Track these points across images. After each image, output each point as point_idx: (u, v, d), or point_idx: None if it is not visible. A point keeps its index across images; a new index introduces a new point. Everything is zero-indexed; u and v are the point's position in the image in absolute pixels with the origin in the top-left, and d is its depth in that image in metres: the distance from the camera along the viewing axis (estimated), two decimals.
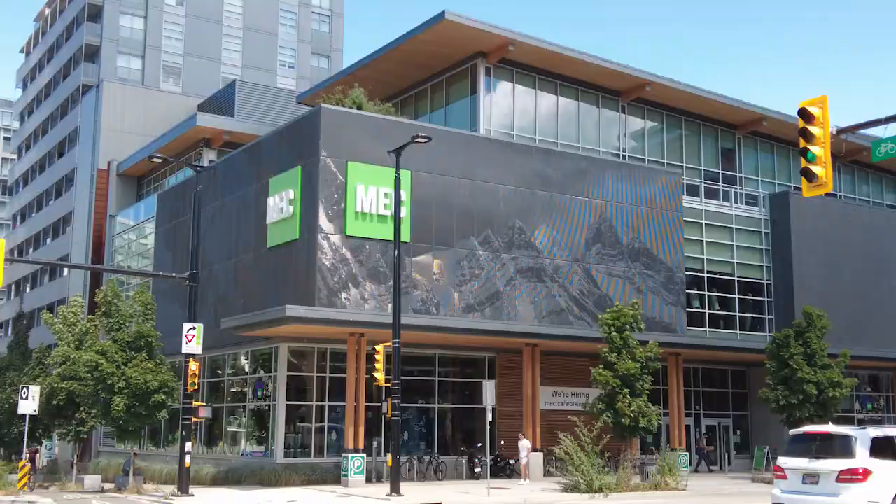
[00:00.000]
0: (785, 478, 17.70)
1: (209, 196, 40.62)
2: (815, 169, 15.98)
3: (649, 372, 32.62)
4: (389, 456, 27.41)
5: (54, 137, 73.91)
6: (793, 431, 19.80)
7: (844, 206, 49.90)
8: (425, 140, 27.95)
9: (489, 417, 29.29)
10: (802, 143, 16.20)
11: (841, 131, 16.40)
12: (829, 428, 18.68)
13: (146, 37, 73.24)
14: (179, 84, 73.05)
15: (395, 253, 27.99)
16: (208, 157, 47.29)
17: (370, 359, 29.80)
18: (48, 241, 71.23)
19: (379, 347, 27.87)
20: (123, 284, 47.93)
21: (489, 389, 29.22)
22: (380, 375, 27.62)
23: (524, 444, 33.69)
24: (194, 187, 42.42)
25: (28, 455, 36.85)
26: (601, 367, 32.18)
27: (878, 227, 49.43)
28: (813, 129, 16.04)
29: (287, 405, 33.38)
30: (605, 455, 32.65)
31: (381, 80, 44.20)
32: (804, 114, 16.14)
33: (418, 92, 44.37)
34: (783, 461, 18.01)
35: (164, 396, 32.12)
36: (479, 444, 36.42)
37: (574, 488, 29.48)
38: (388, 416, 27.63)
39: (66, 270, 61.47)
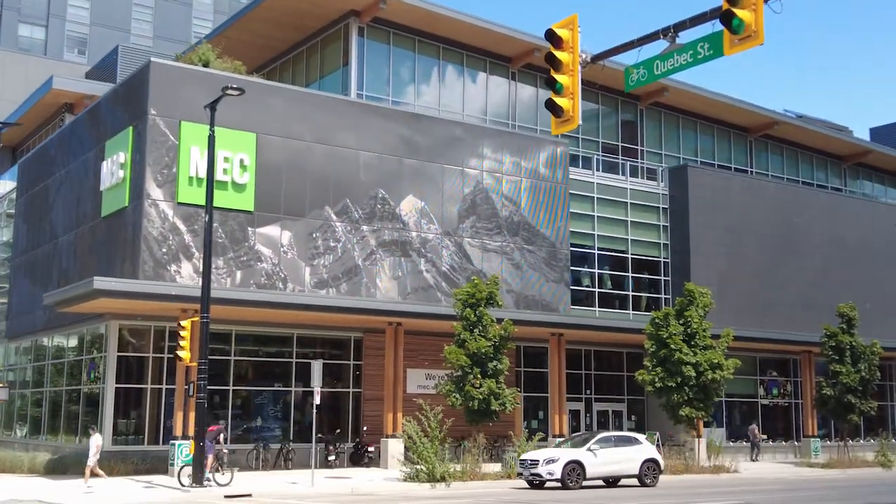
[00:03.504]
0: None
1: (59, 163, 37.82)
2: (560, 102, 13.51)
3: (504, 352, 30.24)
4: (192, 443, 24.79)
5: None
6: None
7: (748, 181, 47.58)
8: (237, 93, 25.08)
9: (317, 400, 26.98)
10: (551, 73, 13.74)
11: (595, 58, 13.92)
12: None
13: (50, 5, 69.75)
14: (85, 55, 69.61)
15: (207, 218, 25.26)
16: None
17: (218, 338, 27.38)
18: None
19: (185, 323, 25.21)
20: None
21: (317, 370, 26.86)
22: (185, 354, 24.95)
23: (94, 439, 25.22)
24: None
25: None
26: (455, 345, 29.86)
27: (786, 203, 47.15)
28: (561, 55, 13.57)
29: (118, 388, 30.61)
30: (460, 441, 30.40)
31: (257, 44, 41.55)
32: (551, 37, 13.65)
33: (295, 56, 41.63)
34: None
35: None
36: (339, 431, 34.05)
37: (415, 477, 27.19)
38: (193, 398, 25.00)
39: None
